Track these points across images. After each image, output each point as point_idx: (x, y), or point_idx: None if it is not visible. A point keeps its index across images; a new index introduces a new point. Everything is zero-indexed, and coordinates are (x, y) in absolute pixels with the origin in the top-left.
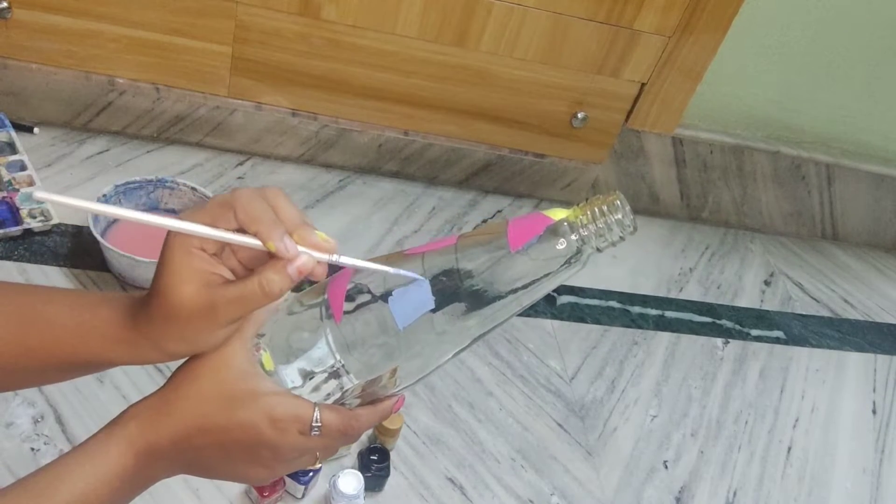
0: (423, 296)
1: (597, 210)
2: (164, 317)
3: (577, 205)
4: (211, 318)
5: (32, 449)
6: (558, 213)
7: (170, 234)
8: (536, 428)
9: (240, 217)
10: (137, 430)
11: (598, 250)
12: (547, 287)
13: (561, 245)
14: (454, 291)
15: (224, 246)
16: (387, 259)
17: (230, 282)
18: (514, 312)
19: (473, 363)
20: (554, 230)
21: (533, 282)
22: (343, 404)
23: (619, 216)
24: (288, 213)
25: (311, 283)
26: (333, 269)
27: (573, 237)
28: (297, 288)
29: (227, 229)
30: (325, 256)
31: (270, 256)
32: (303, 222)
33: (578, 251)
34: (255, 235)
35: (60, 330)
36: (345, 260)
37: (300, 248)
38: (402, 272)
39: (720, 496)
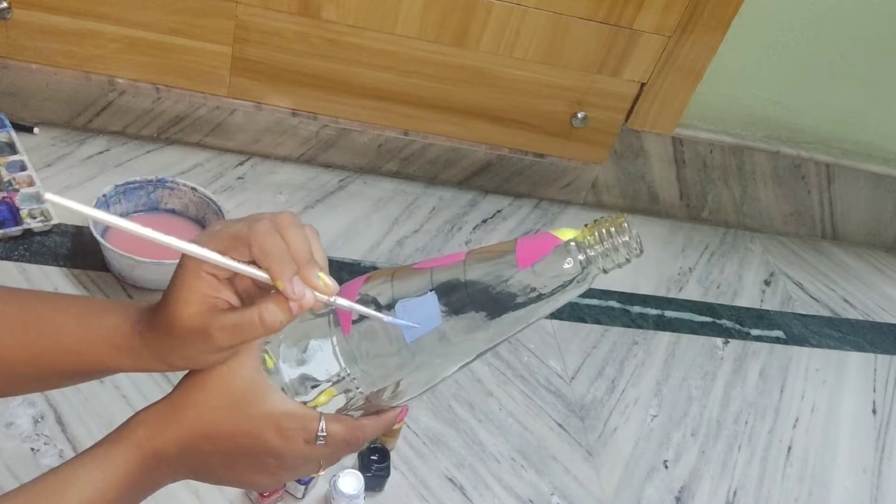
0: (431, 310)
1: (604, 231)
2: (166, 333)
3: (585, 225)
4: (206, 341)
5: (32, 449)
6: (566, 234)
7: (184, 255)
8: (536, 428)
9: (254, 251)
10: (145, 435)
11: (605, 271)
12: (552, 305)
13: (568, 264)
14: (462, 306)
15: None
16: (394, 273)
17: (230, 309)
18: (519, 328)
19: (474, 364)
20: (562, 250)
21: (539, 299)
22: (346, 413)
23: (626, 238)
24: (298, 247)
25: None
26: (349, 271)
27: (580, 257)
28: None
29: (239, 260)
30: (323, 298)
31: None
32: (310, 260)
33: (585, 271)
34: (266, 271)
35: (67, 339)
36: (340, 302)
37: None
38: (395, 321)
39: (720, 496)
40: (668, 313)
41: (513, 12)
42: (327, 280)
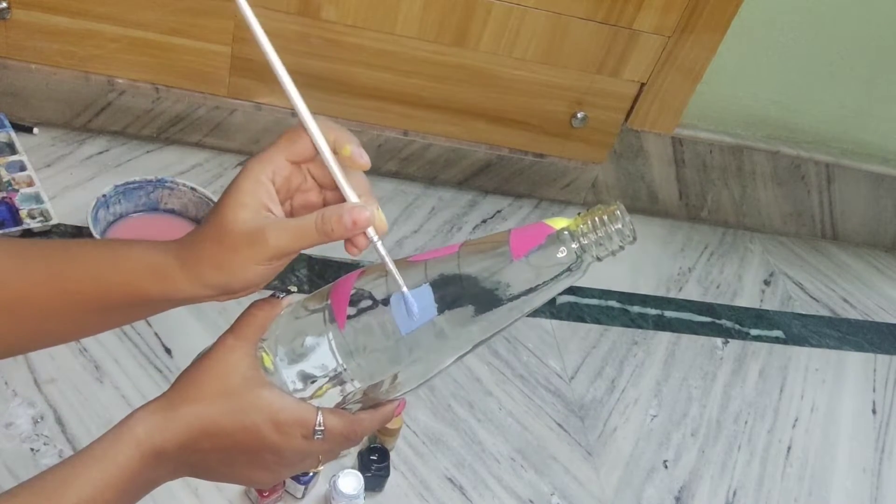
0: (427, 303)
1: (597, 220)
2: (213, 237)
3: (578, 214)
4: (259, 245)
5: (32, 449)
6: (559, 223)
7: (248, 163)
8: (536, 428)
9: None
10: (144, 433)
11: (598, 259)
12: (547, 294)
13: (562, 253)
14: (457, 298)
15: (288, 192)
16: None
17: (284, 219)
18: (515, 319)
19: (473, 363)
20: (555, 239)
21: (534, 288)
22: (344, 408)
23: (619, 226)
24: (361, 178)
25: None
26: (346, 270)
27: (574, 246)
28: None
29: (299, 161)
30: (370, 232)
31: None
32: (371, 192)
33: (579, 259)
34: (333, 143)
35: (92, 263)
36: (379, 246)
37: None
38: (406, 293)
39: (720, 496)
40: (668, 313)
41: (512, 12)
42: (383, 217)
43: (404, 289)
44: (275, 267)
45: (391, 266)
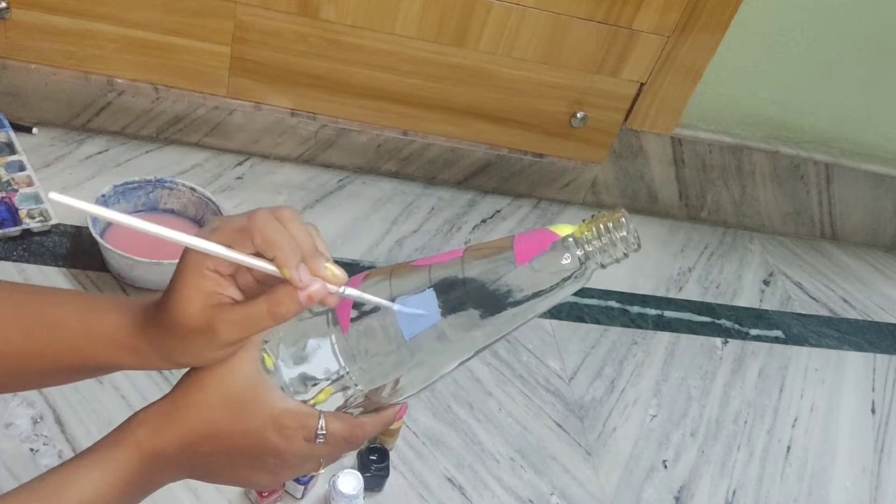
0: (430, 307)
1: (602, 227)
2: (170, 331)
3: (583, 221)
4: (212, 338)
5: (31, 449)
6: (564, 229)
7: (185, 253)
8: (536, 428)
9: (257, 241)
10: (145, 435)
11: (602, 266)
12: (551, 301)
13: (566, 260)
14: (460, 303)
15: (239, 266)
16: (393, 270)
17: (235, 304)
18: (517, 325)
19: (473, 364)
20: (560, 246)
21: (537, 294)
22: (346, 411)
23: (624, 233)
24: (302, 238)
25: None
26: (350, 273)
27: (578, 253)
28: None
29: (244, 253)
30: (332, 288)
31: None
32: (315, 251)
33: (582, 266)
34: (272, 261)
35: (69, 334)
36: (350, 292)
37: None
38: (405, 309)
39: (720, 495)
40: (668, 313)
41: (512, 12)
42: (335, 270)
43: (396, 306)
44: (238, 346)
45: (372, 299)
